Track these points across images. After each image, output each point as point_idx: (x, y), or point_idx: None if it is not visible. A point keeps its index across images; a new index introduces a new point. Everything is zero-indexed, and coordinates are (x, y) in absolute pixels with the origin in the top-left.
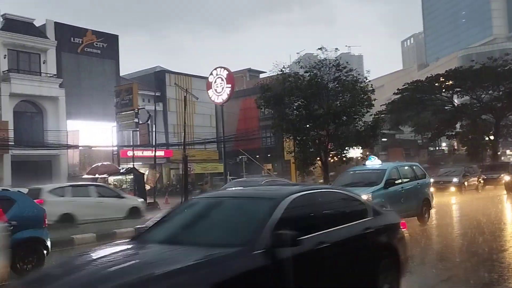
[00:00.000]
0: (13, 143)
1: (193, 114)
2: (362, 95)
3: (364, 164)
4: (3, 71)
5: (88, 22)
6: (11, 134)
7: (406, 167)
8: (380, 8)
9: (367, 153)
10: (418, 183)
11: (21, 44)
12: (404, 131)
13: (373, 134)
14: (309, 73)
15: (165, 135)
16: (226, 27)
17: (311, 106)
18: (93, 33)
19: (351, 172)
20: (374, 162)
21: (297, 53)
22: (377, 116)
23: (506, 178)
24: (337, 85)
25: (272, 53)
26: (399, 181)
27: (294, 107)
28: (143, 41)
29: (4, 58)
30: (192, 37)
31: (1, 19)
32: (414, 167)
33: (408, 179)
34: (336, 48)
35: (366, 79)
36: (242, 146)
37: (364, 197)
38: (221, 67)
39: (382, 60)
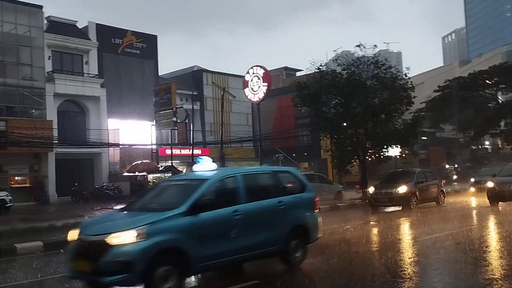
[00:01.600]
0: (57, 141)
1: (230, 113)
2: (402, 93)
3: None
4: (47, 72)
5: (128, 22)
6: (55, 133)
7: (258, 175)
8: (420, 3)
9: (401, 151)
10: (280, 203)
11: (64, 45)
12: (445, 129)
13: (413, 133)
14: (346, 71)
15: (202, 134)
16: (264, 26)
17: (349, 104)
18: (133, 33)
19: (164, 185)
20: (204, 167)
21: (334, 50)
22: (417, 114)
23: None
24: (375, 83)
25: (309, 51)
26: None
27: (331, 105)
28: (182, 41)
29: (49, 59)
30: (230, 36)
31: (46, 22)
32: (281, 175)
33: (259, 197)
34: (375, 45)
35: (406, 76)
36: (278, 144)
37: (127, 237)
38: (257, 66)
39: (421, 56)
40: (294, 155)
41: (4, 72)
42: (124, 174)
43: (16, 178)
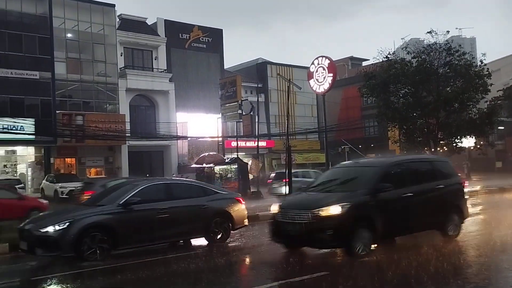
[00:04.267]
0: (129, 134)
1: (295, 105)
2: (477, 80)
3: None
4: (120, 68)
5: (195, 17)
6: (127, 126)
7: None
8: None
9: (475, 142)
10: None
11: (135, 42)
12: None
13: (489, 122)
14: (417, 59)
15: (267, 126)
16: (330, 16)
17: (419, 93)
18: (199, 28)
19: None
20: None
21: (402, 38)
22: (493, 102)
23: None
24: (448, 70)
25: (375, 40)
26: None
27: (400, 95)
28: (247, 34)
29: (121, 55)
30: (295, 27)
31: (118, 20)
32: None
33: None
34: (447, 31)
35: (482, 63)
36: (344, 136)
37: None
38: (322, 56)
39: (497, 42)
40: (360, 146)
41: (80, 69)
42: (192, 165)
43: (93, 169)
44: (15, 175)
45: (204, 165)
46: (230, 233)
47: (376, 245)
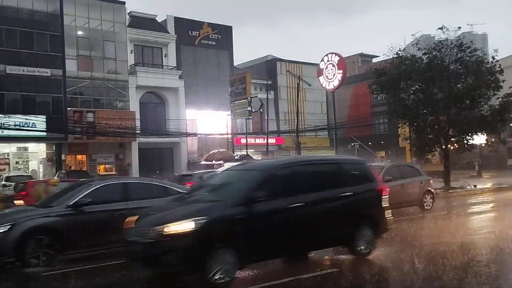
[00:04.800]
0: (139, 131)
1: (304, 102)
2: (489, 77)
3: None
4: (130, 65)
5: (204, 14)
6: (137, 123)
7: None
8: None
9: (487, 139)
10: None
11: (145, 39)
12: None
13: (501, 119)
14: (427, 55)
15: (276, 123)
16: (340, 12)
17: (430, 90)
18: (209, 25)
19: None
20: None
21: (412, 35)
22: (505, 99)
23: None
24: (459, 67)
25: (385, 37)
26: None
27: (411, 92)
28: (257, 31)
29: (131, 53)
30: (306, 24)
31: (128, 17)
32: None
33: None
34: (458, 27)
35: (494, 59)
36: (354, 133)
37: None
38: (332, 53)
39: (510, 38)
40: (370, 143)
41: (91, 67)
42: (201, 162)
43: (104, 166)
44: (27, 171)
45: (214, 162)
46: None
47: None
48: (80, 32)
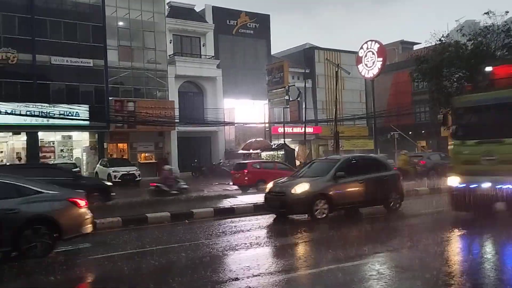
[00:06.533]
0: (178, 120)
1: (342, 90)
2: None
3: None
4: (169, 55)
5: (242, 2)
6: (176, 113)
7: None
8: None
9: None
10: None
11: (184, 29)
12: None
13: None
14: (472, 41)
15: (314, 112)
16: None
17: (475, 78)
18: (246, 14)
19: None
20: None
21: (456, 20)
22: None
23: None
24: (506, 53)
25: (427, 23)
26: None
27: (454, 79)
28: (294, 19)
29: (170, 43)
30: (345, 11)
31: (167, 7)
32: None
33: None
34: (506, 11)
35: None
36: (393, 122)
37: None
38: (372, 40)
39: None
40: (410, 133)
41: (132, 57)
42: (239, 151)
43: (144, 154)
44: (71, 159)
45: (251, 151)
46: (54, 245)
47: None
48: (120, 23)
